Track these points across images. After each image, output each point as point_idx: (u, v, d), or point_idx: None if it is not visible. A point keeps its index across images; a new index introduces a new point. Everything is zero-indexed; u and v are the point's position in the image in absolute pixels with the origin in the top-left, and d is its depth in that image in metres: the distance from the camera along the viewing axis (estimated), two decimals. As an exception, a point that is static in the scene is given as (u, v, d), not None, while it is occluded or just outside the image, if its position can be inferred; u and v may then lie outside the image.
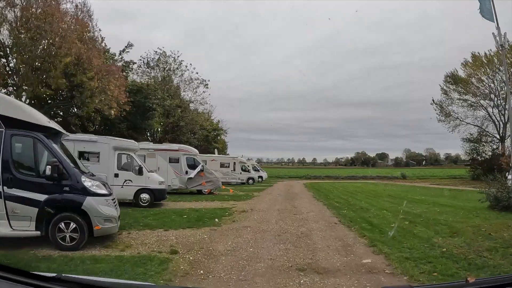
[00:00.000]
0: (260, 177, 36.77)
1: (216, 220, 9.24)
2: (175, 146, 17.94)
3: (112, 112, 19.47)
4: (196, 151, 18.55)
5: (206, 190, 17.73)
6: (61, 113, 23.72)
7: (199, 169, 17.38)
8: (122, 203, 12.32)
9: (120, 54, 30.24)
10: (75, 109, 21.14)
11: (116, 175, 12.12)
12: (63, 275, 1.34)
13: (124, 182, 12.20)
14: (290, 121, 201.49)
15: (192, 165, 17.63)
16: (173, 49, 39.74)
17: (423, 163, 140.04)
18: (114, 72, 18.91)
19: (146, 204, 12.19)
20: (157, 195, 12.42)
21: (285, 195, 19.72)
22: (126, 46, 29.92)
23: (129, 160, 12.42)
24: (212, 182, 17.70)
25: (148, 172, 12.54)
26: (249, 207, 12.49)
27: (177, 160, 17.37)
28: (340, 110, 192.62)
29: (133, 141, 13.55)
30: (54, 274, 1.35)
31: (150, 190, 12.28)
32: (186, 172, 17.38)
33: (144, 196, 12.27)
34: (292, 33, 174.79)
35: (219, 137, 53.76)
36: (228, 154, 41.96)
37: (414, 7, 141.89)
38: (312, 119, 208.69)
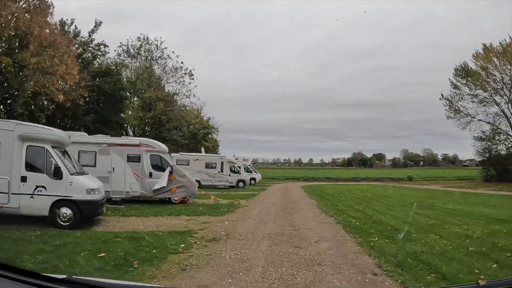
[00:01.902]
0: (253, 179, 32.78)
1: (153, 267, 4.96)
2: (135, 140, 13.57)
3: (60, 96, 15.04)
4: (165, 147, 14.20)
5: (177, 198, 13.44)
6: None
7: (168, 172, 13.09)
8: (36, 220, 8.16)
9: (89, 35, 25.79)
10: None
11: (24, 179, 7.98)
12: (73, 277, 1.33)
13: (35, 189, 8.00)
14: (287, 122, 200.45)
15: (158, 166, 13.35)
16: (171, 50, 35.47)
17: (421, 163, 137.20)
18: (59, 43, 14.45)
19: (67, 223, 7.95)
20: (85, 210, 8.12)
21: (280, 204, 15.35)
22: (95, 26, 25.32)
23: (44, 157, 8.17)
24: (185, 188, 13.38)
25: (71, 174, 8.24)
26: (224, 230, 8.14)
27: (137, 159, 13.05)
28: (337, 111, 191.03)
29: (56, 129, 9.22)
30: (64, 276, 1.34)
31: (73, 202, 8.01)
32: (150, 175, 13.07)
33: (64, 211, 8.00)
34: (290, 35, 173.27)
35: (209, 136, 49.57)
36: (219, 154, 37.60)
37: (413, 8, 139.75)
38: (309, 120, 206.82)
